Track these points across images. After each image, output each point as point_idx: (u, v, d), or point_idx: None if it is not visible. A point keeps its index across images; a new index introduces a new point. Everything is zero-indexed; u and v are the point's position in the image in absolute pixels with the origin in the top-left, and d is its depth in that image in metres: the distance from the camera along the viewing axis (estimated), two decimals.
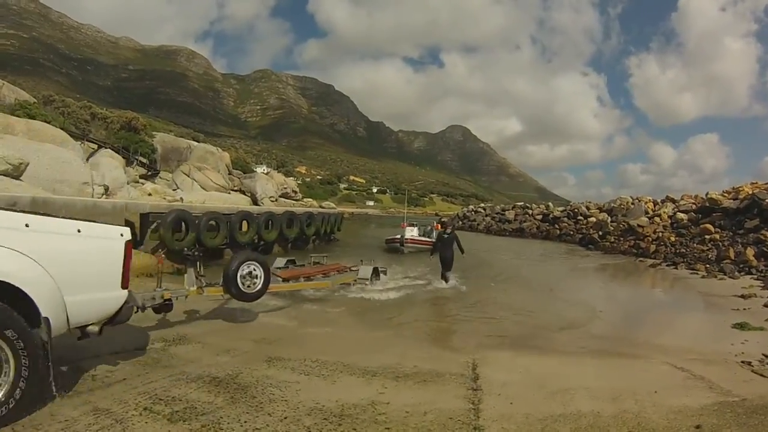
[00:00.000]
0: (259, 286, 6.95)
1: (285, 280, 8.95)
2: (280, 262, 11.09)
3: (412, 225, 24.93)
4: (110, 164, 18.46)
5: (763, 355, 6.19)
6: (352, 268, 11.43)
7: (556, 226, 38.00)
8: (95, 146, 24.62)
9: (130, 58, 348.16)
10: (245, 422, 3.60)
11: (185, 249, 7.69)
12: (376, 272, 11.32)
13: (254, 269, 6.88)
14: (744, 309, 9.58)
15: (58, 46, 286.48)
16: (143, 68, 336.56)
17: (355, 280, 10.42)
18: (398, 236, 22.26)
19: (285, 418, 3.74)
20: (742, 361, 5.89)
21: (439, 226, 25.44)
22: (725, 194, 25.08)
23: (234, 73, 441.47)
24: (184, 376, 4.55)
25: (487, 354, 6.23)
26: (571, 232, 34.87)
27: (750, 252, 15.95)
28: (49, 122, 19.66)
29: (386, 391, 4.52)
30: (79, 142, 20.62)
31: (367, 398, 4.29)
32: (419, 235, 23.48)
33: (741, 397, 4.46)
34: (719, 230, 20.56)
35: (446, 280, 12.14)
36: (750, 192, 22.42)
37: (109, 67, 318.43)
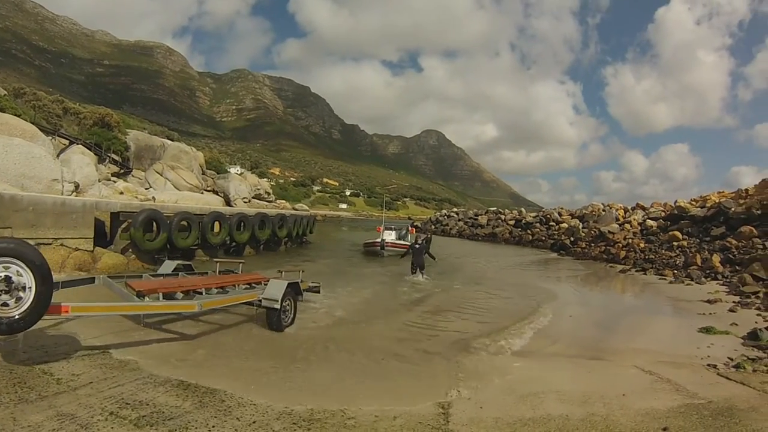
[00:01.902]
0: (26, 308, 4.14)
1: (140, 295, 6.02)
2: (169, 266, 8.46)
3: (390, 229, 24.97)
4: (82, 161, 17.99)
5: (729, 358, 6.36)
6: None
7: (529, 231, 38.30)
8: (66, 142, 23.98)
9: (106, 53, 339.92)
10: (213, 427, 3.55)
11: None
12: (296, 290, 7.64)
13: (17, 273, 4.11)
14: (710, 313, 9.83)
15: (32, 37, 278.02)
16: (119, 63, 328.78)
17: (260, 300, 7.02)
18: (378, 240, 22.12)
19: (253, 422, 3.71)
20: (708, 365, 6.03)
21: (414, 230, 25.96)
22: (693, 202, 25.77)
23: (210, 72, 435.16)
24: (152, 380, 4.47)
25: (458, 358, 6.26)
26: (543, 238, 35.28)
27: (716, 258, 16.40)
28: (19, 116, 19.10)
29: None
30: (50, 138, 20.06)
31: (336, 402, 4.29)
32: (396, 239, 23.54)
33: (707, 400, 4.58)
34: (687, 237, 21.08)
35: (421, 275, 14.25)
36: (716, 201, 23.09)
37: (83, 61, 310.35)
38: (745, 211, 19.66)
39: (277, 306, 6.86)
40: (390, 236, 23.33)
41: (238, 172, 41.50)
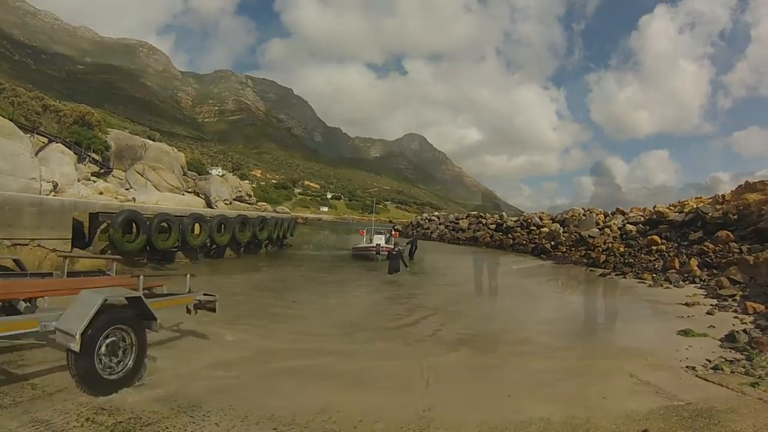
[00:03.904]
0: None
1: None
2: None
3: (380, 233, 25.07)
4: (61, 160, 17.70)
5: (707, 360, 6.43)
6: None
7: (510, 235, 38.10)
8: (46, 140, 23.53)
9: (88, 50, 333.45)
10: None
11: None
12: (141, 311, 4.35)
13: None
14: (688, 316, 9.94)
15: (12, 31, 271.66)
16: (100, 61, 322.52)
17: (54, 331, 3.80)
18: (373, 245, 22.41)
19: (233, 427, 3.65)
20: (687, 367, 6.09)
21: (397, 234, 26.53)
22: (671, 208, 26.24)
23: (193, 72, 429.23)
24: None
25: (439, 360, 6.26)
26: (524, 242, 35.16)
27: (694, 262, 16.66)
28: None
29: (337, 398, 4.49)
30: (29, 135, 19.64)
31: (318, 405, 4.24)
32: (385, 242, 23.70)
33: (686, 402, 4.63)
34: (665, 241, 21.37)
35: (395, 272, 16.32)
36: (694, 206, 23.55)
37: (65, 58, 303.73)
38: (722, 216, 20.07)
39: (75, 347, 3.64)
40: (379, 240, 23.49)
41: (220, 174, 41.00)
